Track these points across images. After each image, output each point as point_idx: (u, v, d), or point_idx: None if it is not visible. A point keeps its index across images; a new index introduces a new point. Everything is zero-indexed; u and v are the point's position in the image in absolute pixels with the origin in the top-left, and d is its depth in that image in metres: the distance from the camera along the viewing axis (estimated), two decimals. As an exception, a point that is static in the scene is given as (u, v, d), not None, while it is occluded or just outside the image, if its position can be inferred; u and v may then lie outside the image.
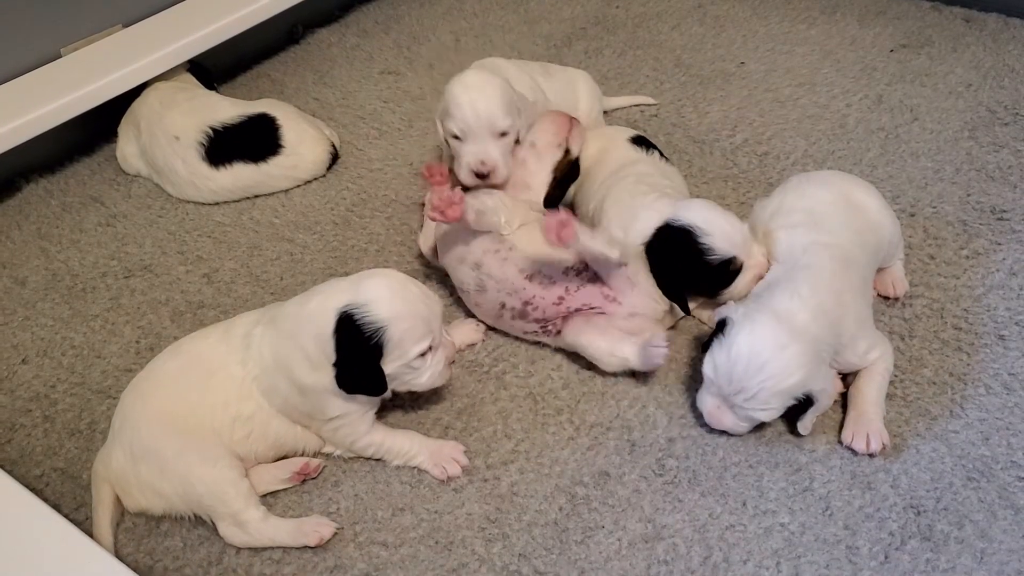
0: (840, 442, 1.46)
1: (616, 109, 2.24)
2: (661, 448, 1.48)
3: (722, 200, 1.93)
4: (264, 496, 1.44)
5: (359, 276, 1.41)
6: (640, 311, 1.58)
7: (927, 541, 1.33)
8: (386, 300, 1.36)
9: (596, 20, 2.64)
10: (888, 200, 1.69)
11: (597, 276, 1.59)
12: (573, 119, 1.81)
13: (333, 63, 2.56)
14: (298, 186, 2.11)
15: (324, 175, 2.14)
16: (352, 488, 1.46)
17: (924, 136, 2.09)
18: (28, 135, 2.01)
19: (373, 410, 1.47)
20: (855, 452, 1.44)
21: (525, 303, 1.60)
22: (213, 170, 2.04)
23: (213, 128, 2.05)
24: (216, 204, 2.08)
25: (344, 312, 1.35)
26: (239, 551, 1.39)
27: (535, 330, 1.63)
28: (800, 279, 1.46)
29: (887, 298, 1.68)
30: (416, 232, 1.92)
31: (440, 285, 1.79)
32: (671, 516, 1.39)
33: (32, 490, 1.38)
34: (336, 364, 1.35)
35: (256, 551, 1.38)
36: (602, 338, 1.56)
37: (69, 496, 1.48)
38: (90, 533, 1.38)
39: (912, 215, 1.87)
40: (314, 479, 1.48)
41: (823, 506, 1.38)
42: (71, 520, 1.34)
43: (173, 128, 2.06)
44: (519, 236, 1.64)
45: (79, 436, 1.58)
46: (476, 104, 1.68)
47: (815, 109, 2.20)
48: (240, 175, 2.06)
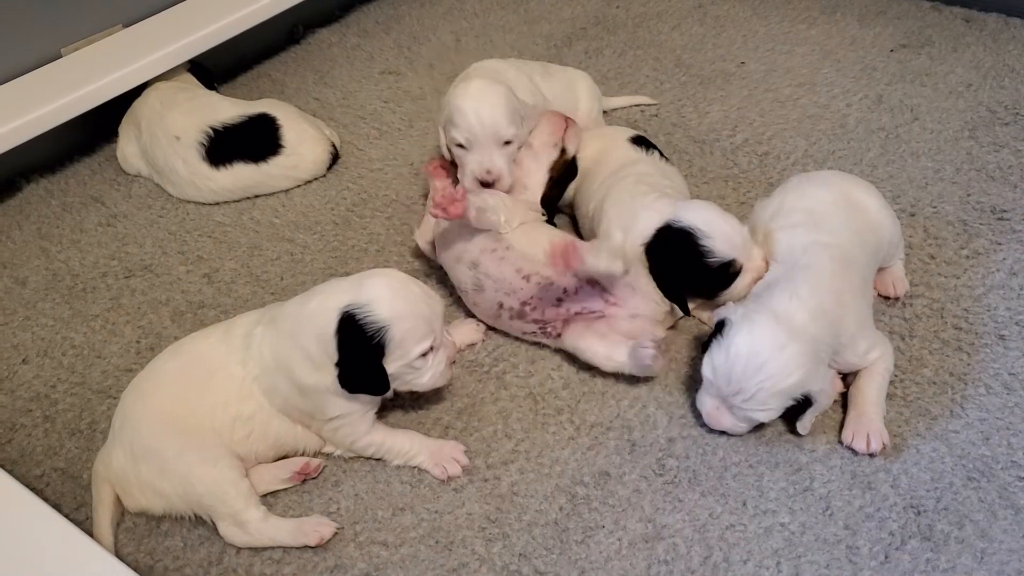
0: (840, 442, 1.46)
1: (616, 109, 2.24)
2: (661, 448, 1.48)
3: (722, 200, 1.93)
4: (264, 496, 1.44)
5: (361, 276, 1.41)
6: (641, 313, 1.58)
7: (927, 541, 1.33)
8: (388, 300, 1.36)
9: (596, 20, 2.64)
10: (888, 200, 1.69)
11: (597, 279, 1.59)
12: (568, 119, 1.81)
13: (334, 63, 2.56)
14: (298, 186, 2.11)
15: (324, 175, 2.14)
16: (352, 488, 1.47)
17: (924, 136, 2.09)
18: (29, 135, 2.01)
19: (373, 410, 1.47)
20: (855, 452, 1.44)
21: (523, 303, 1.60)
22: (213, 170, 2.04)
23: (213, 128, 2.05)
24: (216, 204, 2.08)
25: (346, 312, 1.35)
26: (239, 551, 1.39)
27: (534, 330, 1.63)
28: (800, 279, 1.46)
29: (887, 298, 1.68)
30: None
31: (441, 285, 1.79)
32: (671, 516, 1.39)
33: (33, 490, 1.38)
34: (338, 364, 1.35)
35: (256, 551, 1.38)
36: (601, 343, 1.56)
37: (69, 496, 1.49)
38: (90, 533, 1.38)
39: (912, 215, 1.87)
40: (314, 479, 1.48)
41: (823, 506, 1.39)
42: (71, 520, 1.34)
43: (174, 128, 2.06)
44: (517, 235, 1.64)
45: (79, 436, 1.58)
46: (481, 113, 1.67)
47: (815, 109, 2.20)
48: (240, 175, 2.06)
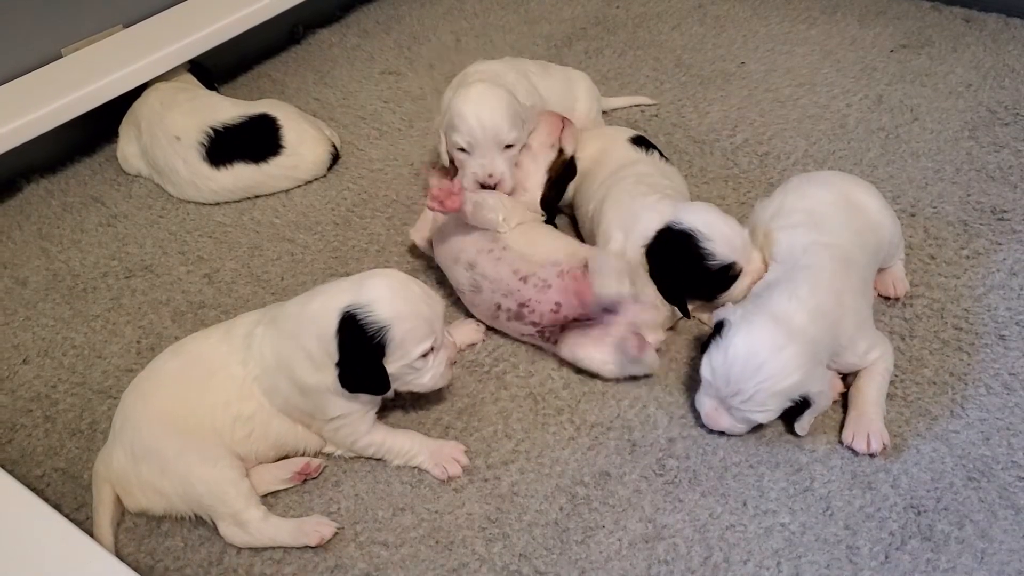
0: (840, 442, 1.46)
1: (616, 109, 2.24)
2: (662, 448, 1.48)
3: (722, 200, 1.93)
4: (265, 496, 1.44)
5: (361, 276, 1.41)
6: (640, 320, 1.57)
7: (927, 541, 1.33)
8: (388, 300, 1.36)
9: (596, 20, 2.64)
10: (888, 200, 1.69)
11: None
12: (565, 119, 1.81)
13: (334, 63, 2.56)
14: (299, 186, 2.11)
15: (325, 175, 2.14)
16: (353, 488, 1.47)
17: (924, 136, 2.09)
18: (29, 135, 2.01)
19: (374, 410, 1.47)
20: (855, 452, 1.44)
21: (521, 305, 1.60)
22: (214, 170, 2.04)
23: (214, 128, 2.04)
24: (217, 204, 2.08)
25: (347, 312, 1.35)
26: (240, 551, 1.39)
27: (532, 333, 1.63)
28: (799, 280, 1.46)
29: (888, 298, 1.68)
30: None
31: (441, 285, 1.79)
32: (672, 516, 1.39)
33: (33, 490, 1.38)
34: (339, 364, 1.35)
35: (257, 551, 1.38)
36: (597, 350, 1.56)
37: (70, 496, 1.49)
38: (91, 533, 1.38)
39: (912, 215, 1.87)
40: (315, 479, 1.48)
41: (824, 506, 1.39)
42: (72, 520, 1.34)
43: (174, 128, 2.06)
44: (514, 236, 1.64)
45: (80, 436, 1.58)
46: (482, 117, 1.67)
47: (815, 109, 2.20)
48: (241, 175, 2.06)
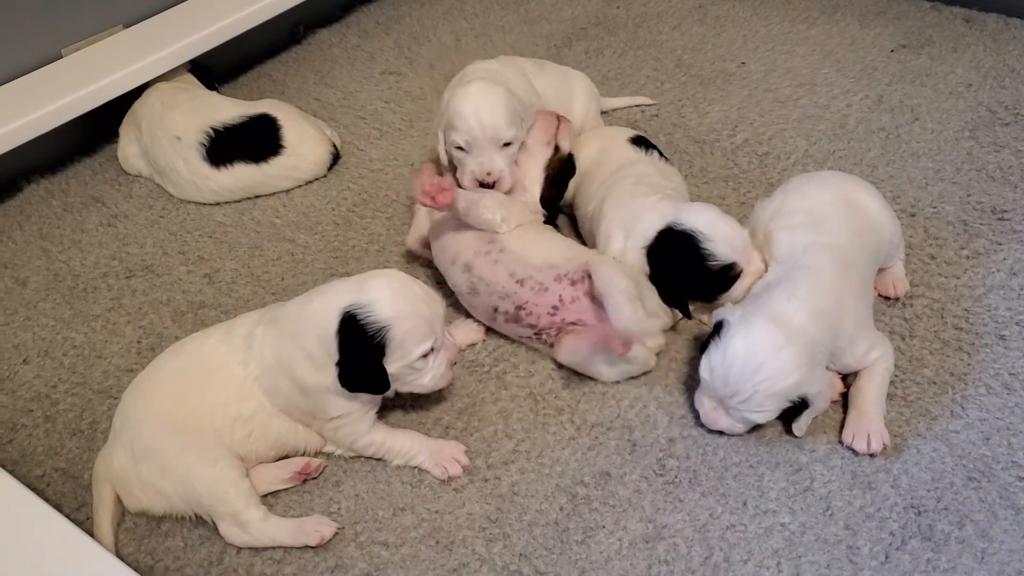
0: (841, 442, 1.46)
1: (616, 109, 2.24)
2: (662, 448, 1.48)
3: (722, 200, 1.93)
4: (265, 496, 1.44)
5: (362, 277, 1.41)
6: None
7: (928, 541, 1.33)
8: (389, 300, 1.36)
9: (596, 20, 2.64)
10: (889, 200, 1.69)
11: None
12: (560, 116, 1.81)
13: (334, 63, 2.56)
14: (299, 186, 2.11)
15: (325, 175, 2.14)
16: (353, 488, 1.47)
17: (924, 136, 2.09)
18: (29, 136, 2.01)
19: (374, 410, 1.47)
20: (856, 452, 1.44)
21: (518, 307, 1.60)
22: (214, 170, 2.04)
23: (214, 128, 2.05)
24: (217, 204, 2.08)
25: (347, 312, 1.35)
26: (240, 551, 1.39)
27: (529, 335, 1.63)
28: (799, 280, 1.46)
29: (888, 298, 1.68)
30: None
31: (441, 285, 1.78)
32: (672, 516, 1.39)
33: (33, 490, 1.38)
34: (339, 363, 1.35)
35: (257, 551, 1.38)
36: (593, 354, 1.56)
37: (70, 496, 1.49)
38: (91, 533, 1.38)
39: (913, 215, 1.87)
40: (315, 479, 1.48)
41: (824, 506, 1.39)
42: (72, 520, 1.35)
43: (174, 128, 2.06)
44: (512, 238, 1.63)
45: (80, 436, 1.58)
46: (481, 116, 1.67)
47: (815, 109, 2.20)
48: (241, 175, 2.06)
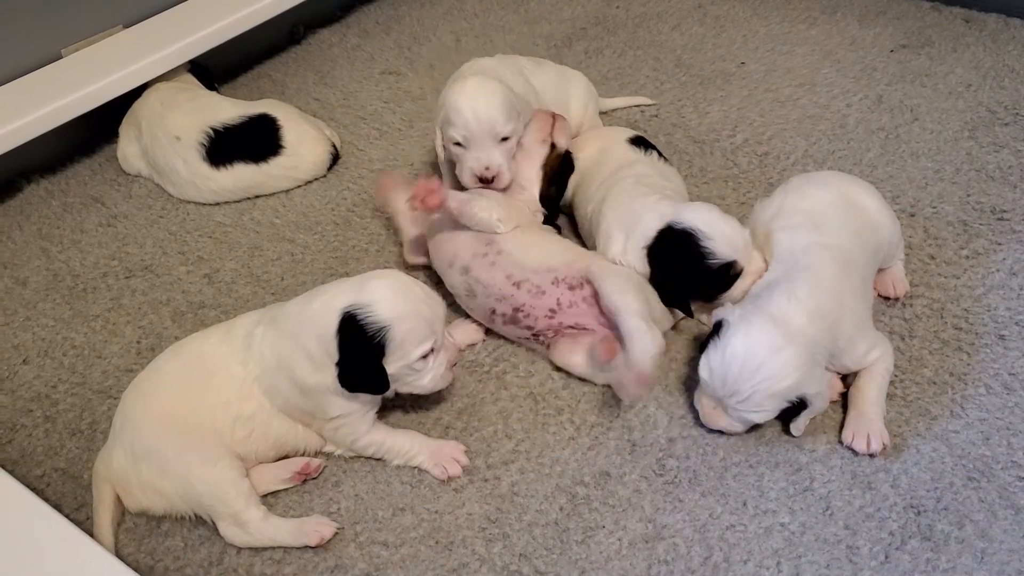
0: (840, 442, 1.46)
1: (615, 109, 2.24)
2: (662, 448, 1.48)
3: (722, 200, 1.93)
4: (265, 496, 1.44)
5: (363, 277, 1.41)
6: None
7: (927, 541, 1.33)
8: (389, 301, 1.36)
9: (596, 20, 2.64)
10: (888, 200, 1.69)
11: (592, 296, 1.57)
12: (556, 114, 1.81)
13: (334, 63, 2.56)
14: (299, 186, 2.11)
15: (325, 175, 2.14)
16: (353, 488, 1.47)
17: (924, 136, 2.09)
18: (29, 136, 2.01)
19: (374, 410, 1.47)
20: (855, 452, 1.44)
21: (515, 309, 1.60)
22: (214, 170, 2.04)
23: (214, 128, 2.05)
24: (217, 204, 2.08)
25: (347, 312, 1.35)
26: (240, 551, 1.39)
27: (527, 336, 1.63)
28: (799, 280, 1.45)
29: (887, 298, 1.68)
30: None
31: (441, 286, 1.78)
32: (672, 516, 1.39)
33: (33, 490, 1.38)
34: (339, 363, 1.35)
35: (257, 551, 1.38)
36: (588, 359, 1.56)
37: (70, 496, 1.49)
38: (91, 533, 1.38)
39: (912, 215, 1.87)
40: (315, 479, 1.48)
41: (823, 506, 1.39)
42: (72, 520, 1.35)
43: (174, 128, 2.06)
44: (510, 239, 1.63)
45: (80, 436, 1.58)
46: (477, 110, 1.67)
47: (815, 109, 2.20)
48: (241, 175, 2.06)
